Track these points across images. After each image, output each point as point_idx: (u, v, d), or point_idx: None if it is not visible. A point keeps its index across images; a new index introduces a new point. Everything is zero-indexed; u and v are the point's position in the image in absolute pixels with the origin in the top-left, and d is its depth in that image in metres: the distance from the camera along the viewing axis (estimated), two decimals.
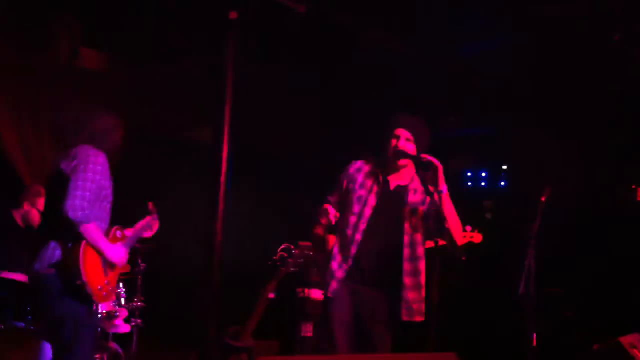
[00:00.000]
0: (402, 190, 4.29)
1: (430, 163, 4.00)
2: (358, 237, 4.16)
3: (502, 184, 8.67)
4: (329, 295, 4.13)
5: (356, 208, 4.20)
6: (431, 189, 4.01)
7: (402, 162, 4.23)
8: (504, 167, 8.62)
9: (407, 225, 4.21)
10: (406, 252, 4.19)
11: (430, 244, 5.21)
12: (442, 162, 4.09)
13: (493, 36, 6.57)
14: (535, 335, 4.46)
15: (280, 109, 7.75)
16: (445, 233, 4.02)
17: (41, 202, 5.51)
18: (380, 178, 4.25)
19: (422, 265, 4.21)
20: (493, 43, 6.72)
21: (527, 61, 6.82)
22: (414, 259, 4.21)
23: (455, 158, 8.76)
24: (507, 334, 6.32)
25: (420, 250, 4.24)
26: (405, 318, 4.17)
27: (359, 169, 4.30)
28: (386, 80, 7.25)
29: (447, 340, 4.07)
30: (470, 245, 5.07)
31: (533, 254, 4.47)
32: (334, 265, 4.17)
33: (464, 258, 3.88)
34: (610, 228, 6.99)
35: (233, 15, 5.52)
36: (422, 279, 4.20)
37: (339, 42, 6.68)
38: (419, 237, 4.24)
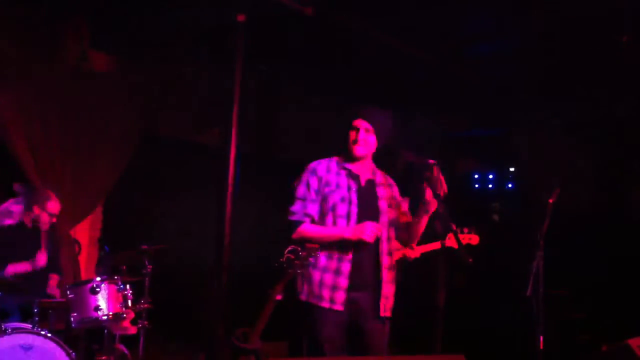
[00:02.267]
0: (371, 184, 4.26)
1: (432, 166, 3.97)
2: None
3: (510, 185, 8.67)
4: (340, 308, 4.00)
5: (342, 209, 4.10)
6: (429, 192, 3.96)
7: (361, 154, 4.16)
8: (512, 169, 8.62)
9: (383, 219, 4.18)
10: (385, 246, 4.15)
11: (436, 245, 5.21)
12: (449, 164, 4.08)
13: (500, 37, 6.56)
14: (542, 336, 4.45)
15: (288, 111, 7.76)
16: (452, 234, 4.02)
17: (51, 205, 5.54)
18: (353, 174, 4.19)
19: (395, 259, 4.22)
20: (500, 44, 6.71)
21: (534, 62, 6.81)
22: (390, 252, 4.20)
23: (463, 160, 8.77)
24: (515, 335, 6.31)
25: (394, 245, 4.24)
26: (382, 314, 4.11)
27: (329, 169, 4.18)
28: (394, 82, 7.25)
29: (455, 342, 4.06)
30: (468, 247, 5.07)
31: (541, 256, 4.46)
32: (329, 277, 4.05)
33: (470, 260, 3.87)
34: (618, 229, 6.98)
35: (241, 17, 5.54)
36: (394, 273, 4.18)
37: (346, 44, 6.69)
38: (392, 231, 4.23)
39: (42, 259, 5.26)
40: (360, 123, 4.17)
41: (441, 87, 7.39)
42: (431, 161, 3.97)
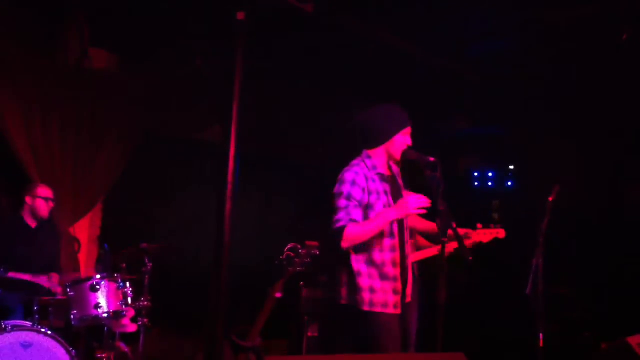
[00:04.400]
0: (394, 179, 4.34)
1: (437, 164, 3.98)
2: (396, 242, 4.13)
3: (510, 183, 8.68)
4: (398, 312, 4.07)
5: None
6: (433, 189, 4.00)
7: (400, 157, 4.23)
8: (511, 167, 8.62)
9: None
10: (407, 234, 4.27)
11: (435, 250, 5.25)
12: (450, 162, 4.10)
13: (501, 36, 6.56)
14: (542, 334, 4.45)
15: (288, 109, 7.76)
16: (452, 232, 4.02)
17: (41, 190, 5.56)
18: (385, 177, 4.24)
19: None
20: (500, 43, 6.71)
21: (534, 61, 6.82)
22: (410, 242, 4.31)
23: (463, 158, 8.77)
24: (515, 333, 6.31)
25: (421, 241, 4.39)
26: (407, 300, 4.23)
27: (367, 177, 4.16)
28: (394, 81, 7.24)
29: (455, 340, 4.07)
30: (495, 240, 5.08)
31: (541, 254, 4.46)
32: (389, 283, 4.08)
33: (470, 258, 3.87)
34: (618, 227, 6.98)
35: (240, 15, 5.53)
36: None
37: (346, 42, 6.68)
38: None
39: (44, 281, 5.26)
40: (409, 131, 4.26)
41: (441, 85, 7.39)
42: (432, 159, 3.97)
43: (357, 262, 4.08)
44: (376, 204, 4.12)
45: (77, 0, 6.22)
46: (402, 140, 4.22)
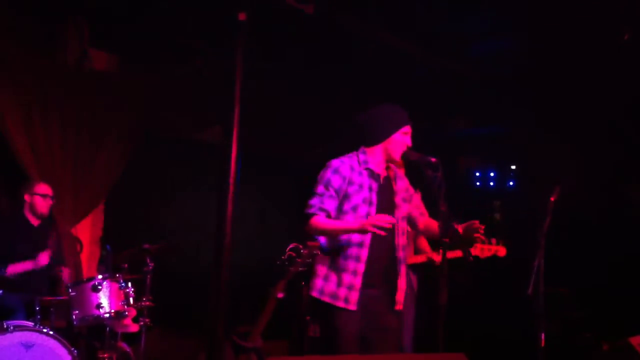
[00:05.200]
0: (388, 181, 4.31)
1: (438, 165, 3.97)
2: (367, 239, 4.11)
3: (511, 183, 8.67)
4: (354, 307, 4.04)
5: (363, 210, 4.12)
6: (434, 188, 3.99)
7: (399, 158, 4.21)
8: (513, 167, 8.62)
9: (398, 214, 4.23)
10: (400, 240, 4.22)
11: (435, 256, 5.27)
12: (450, 162, 4.09)
13: (501, 36, 6.56)
14: (543, 335, 4.45)
15: (289, 110, 7.76)
16: (453, 232, 4.02)
17: (38, 187, 5.56)
18: (375, 174, 4.21)
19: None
20: (501, 43, 6.71)
21: (535, 61, 6.81)
22: (404, 247, 4.26)
23: (464, 158, 8.76)
24: (516, 334, 6.31)
25: (406, 238, 4.32)
26: (397, 307, 4.19)
27: (352, 168, 4.17)
28: (394, 81, 7.24)
29: (456, 341, 4.07)
30: (494, 257, 5.09)
31: (542, 254, 4.46)
32: (347, 276, 4.08)
33: (471, 258, 3.88)
34: (619, 227, 6.97)
35: (242, 16, 5.53)
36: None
37: (347, 42, 6.68)
38: (405, 224, 4.32)
39: (44, 258, 5.27)
40: (409, 129, 4.24)
41: (442, 84, 7.39)
42: (433, 159, 3.97)
43: (323, 250, 4.12)
44: (354, 196, 4.13)
45: (77, 0, 6.22)
46: (400, 139, 4.20)
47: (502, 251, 5.17)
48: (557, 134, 7.45)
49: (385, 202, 4.21)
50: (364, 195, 4.15)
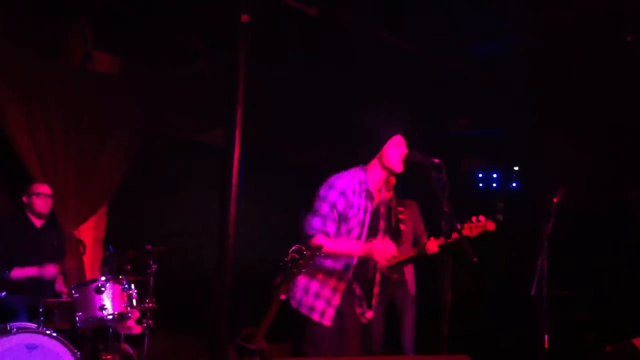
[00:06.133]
0: (382, 203, 4.33)
1: (442, 166, 3.97)
2: (354, 260, 4.13)
3: (514, 185, 8.66)
4: (328, 323, 4.09)
5: (356, 232, 4.14)
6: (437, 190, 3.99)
7: (402, 170, 4.17)
8: (516, 168, 8.61)
9: (381, 234, 4.28)
10: (379, 263, 4.28)
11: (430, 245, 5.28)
12: (453, 164, 4.08)
13: (504, 36, 6.55)
14: (547, 336, 4.45)
15: (292, 111, 7.76)
16: (458, 234, 4.03)
17: (36, 187, 5.56)
18: (370, 195, 4.20)
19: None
20: (504, 43, 6.71)
21: (538, 62, 6.80)
22: (383, 269, 4.44)
23: (467, 159, 8.76)
24: (519, 335, 6.30)
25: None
26: (363, 320, 4.26)
27: (354, 191, 4.13)
28: (398, 82, 7.24)
29: (459, 342, 4.06)
30: (484, 233, 5.06)
31: (545, 255, 4.45)
32: (327, 291, 4.11)
33: (475, 259, 3.87)
34: (622, 229, 6.96)
35: (244, 18, 5.53)
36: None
37: (350, 43, 6.69)
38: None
39: (50, 271, 5.28)
40: (401, 139, 4.14)
41: (445, 86, 7.38)
42: (437, 160, 3.97)
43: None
44: (352, 220, 4.11)
45: (81, 3, 6.23)
46: (393, 151, 4.14)
47: (490, 225, 5.14)
48: (561, 136, 7.45)
49: (374, 224, 4.22)
50: (359, 218, 4.15)
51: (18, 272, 5.22)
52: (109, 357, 5.19)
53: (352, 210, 4.10)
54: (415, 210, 6.21)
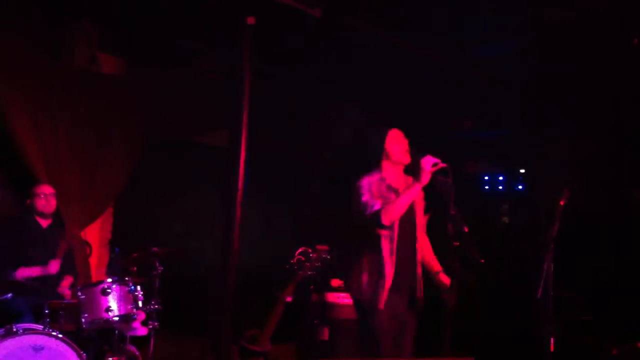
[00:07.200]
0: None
1: (448, 169, 4.01)
2: (395, 246, 4.26)
3: (520, 187, 8.65)
4: (381, 306, 4.20)
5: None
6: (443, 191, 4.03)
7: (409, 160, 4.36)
8: (522, 171, 8.60)
9: (417, 220, 4.39)
10: (419, 245, 4.39)
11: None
12: (459, 166, 4.10)
13: (509, 38, 6.55)
14: (553, 339, 4.44)
15: (296, 113, 7.76)
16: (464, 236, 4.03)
17: (37, 188, 5.57)
18: (393, 188, 4.34)
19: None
20: (509, 45, 6.70)
21: (543, 64, 6.80)
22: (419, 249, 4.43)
23: (473, 162, 8.75)
24: (525, 337, 6.29)
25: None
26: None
27: (377, 187, 4.33)
28: (402, 83, 7.24)
29: (465, 344, 4.06)
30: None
31: (551, 257, 4.45)
32: (378, 277, 4.25)
33: (482, 260, 3.88)
34: (628, 231, 6.94)
35: (250, 20, 5.54)
36: None
37: (354, 45, 6.69)
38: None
39: (54, 266, 5.30)
40: (397, 132, 4.39)
41: (450, 87, 7.38)
42: (443, 164, 3.98)
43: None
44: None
45: (85, 5, 6.24)
46: (395, 147, 4.37)
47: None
48: (567, 137, 7.43)
49: (406, 213, 4.30)
50: None
51: (23, 272, 5.24)
52: (114, 358, 5.20)
53: (379, 201, 4.26)
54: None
